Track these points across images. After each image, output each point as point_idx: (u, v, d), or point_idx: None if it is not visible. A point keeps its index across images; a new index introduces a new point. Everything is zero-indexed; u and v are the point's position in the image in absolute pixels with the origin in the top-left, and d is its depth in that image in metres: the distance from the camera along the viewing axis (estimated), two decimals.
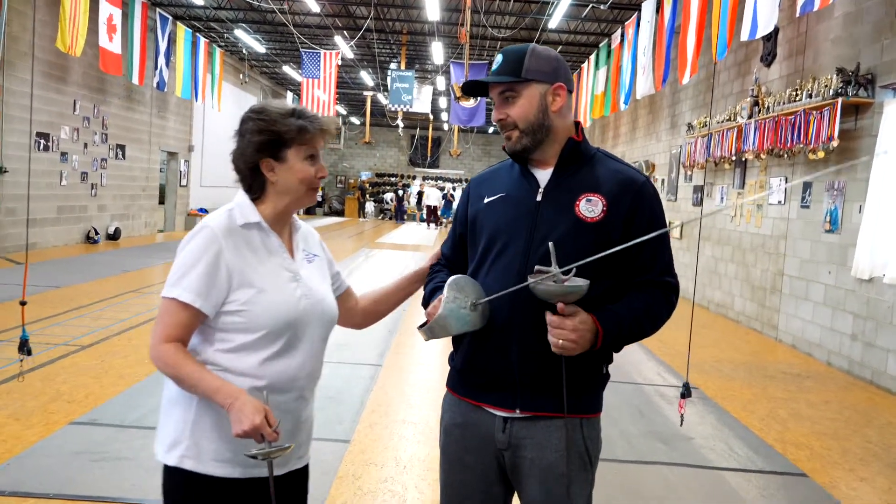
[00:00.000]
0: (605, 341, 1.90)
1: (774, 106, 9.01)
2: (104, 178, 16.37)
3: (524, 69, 1.99)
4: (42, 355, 6.15)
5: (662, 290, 2.03)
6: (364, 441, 4.67)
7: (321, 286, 2.08)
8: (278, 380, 1.92)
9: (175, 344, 1.85)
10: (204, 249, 1.88)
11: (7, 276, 10.41)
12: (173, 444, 1.90)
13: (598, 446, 2.08)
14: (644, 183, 2.03)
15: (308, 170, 1.98)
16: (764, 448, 5.08)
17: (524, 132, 2.01)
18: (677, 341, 8.74)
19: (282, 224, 2.04)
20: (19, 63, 12.81)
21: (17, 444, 4.17)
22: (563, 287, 1.81)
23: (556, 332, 1.84)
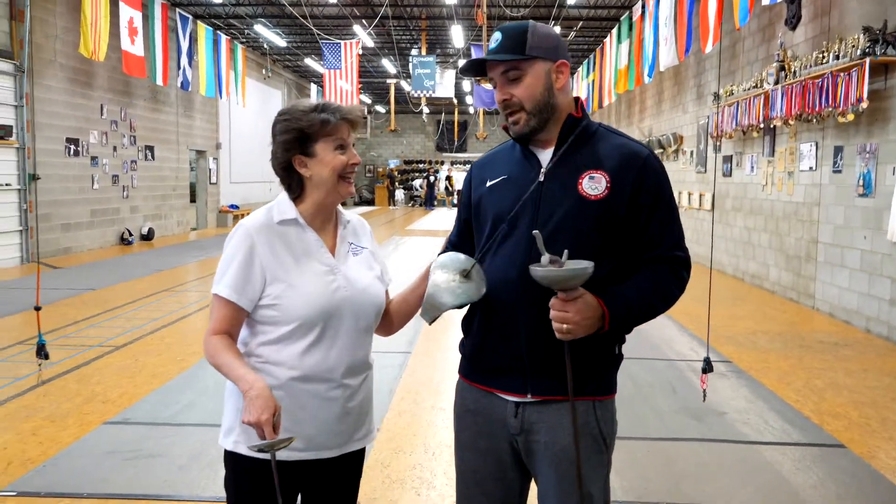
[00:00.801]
0: (612, 324, 1.86)
1: (801, 70, 8.79)
2: (135, 179, 16.59)
3: (528, 46, 1.93)
4: (78, 357, 6.26)
5: (671, 265, 1.96)
6: (393, 429, 4.68)
7: (364, 277, 2.12)
8: (315, 370, 2.01)
9: (220, 336, 1.99)
10: (238, 248, 2.00)
11: (45, 280, 10.60)
12: (228, 430, 2.06)
13: (613, 428, 2.04)
14: (648, 156, 1.97)
15: (338, 159, 2.03)
16: (800, 420, 4.99)
17: (531, 113, 1.95)
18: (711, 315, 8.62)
19: (323, 218, 2.11)
20: (45, 71, 13.01)
21: (52, 446, 4.25)
22: (562, 272, 1.75)
23: (559, 315, 1.80)
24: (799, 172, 9.57)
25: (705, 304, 9.31)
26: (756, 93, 10.10)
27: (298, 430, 1.98)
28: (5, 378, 5.52)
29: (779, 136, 10.22)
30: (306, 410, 2.00)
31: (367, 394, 2.16)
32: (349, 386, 2.06)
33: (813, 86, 8.32)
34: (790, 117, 9.01)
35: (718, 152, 12.83)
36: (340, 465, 2.11)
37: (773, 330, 7.97)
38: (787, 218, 10.01)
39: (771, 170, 10.48)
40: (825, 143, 8.83)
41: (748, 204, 11.48)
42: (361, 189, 40.07)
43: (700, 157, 13.86)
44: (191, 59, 17.11)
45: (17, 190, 12.33)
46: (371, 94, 34.27)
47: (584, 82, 21.88)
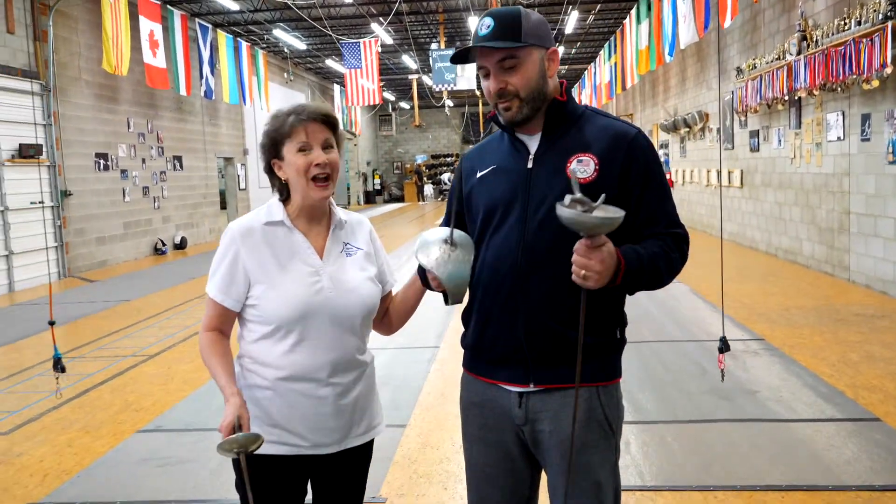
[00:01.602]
0: (625, 277, 1.79)
1: (823, 38, 8.60)
2: (165, 190, 16.83)
3: (523, 33, 1.89)
4: (112, 368, 6.37)
5: (674, 238, 1.94)
6: (420, 424, 4.69)
7: (354, 278, 2.12)
8: (299, 370, 2.04)
9: (211, 333, 2.09)
10: (226, 250, 2.08)
11: (81, 294, 10.84)
12: None
13: (619, 413, 2.02)
14: (636, 135, 1.95)
15: (300, 160, 2.03)
16: (834, 395, 4.90)
17: (525, 101, 1.92)
18: (742, 292, 8.54)
19: (312, 219, 2.13)
20: (71, 88, 13.24)
21: (86, 457, 4.34)
22: (597, 218, 1.66)
23: (582, 261, 1.72)
24: (827, 143, 9.38)
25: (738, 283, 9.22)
26: (779, 65, 9.92)
27: (291, 428, 2.02)
28: (41, 392, 5.64)
29: (804, 107, 10.02)
30: (296, 409, 2.03)
31: (365, 390, 2.16)
32: (339, 384, 2.07)
33: (836, 54, 8.14)
34: (814, 87, 8.83)
35: (744, 128, 12.62)
36: (343, 461, 2.13)
37: (807, 305, 7.83)
38: (817, 190, 9.81)
39: (798, 142, 10.29)
40: (852, 112, 8.63)
41: (777, 178, 11.28)
42: (390, 186, 40.20)
43: (726, 133, 13.65)
44: (213, 67, 17.29)
45: (50, 207, 12.58)
46: (394, 91, 34.32)
47: (606, 65, 21.67)
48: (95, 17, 13.37)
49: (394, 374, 5.81)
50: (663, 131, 18.63)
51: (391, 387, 5.48)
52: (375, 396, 2.24)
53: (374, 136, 40.12)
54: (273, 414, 2.04)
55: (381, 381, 5.58)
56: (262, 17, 18.92)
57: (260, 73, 20.08)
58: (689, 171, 16.75)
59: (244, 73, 18.83)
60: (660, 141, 19.99)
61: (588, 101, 27.33)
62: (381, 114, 38.86)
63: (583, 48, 25.87)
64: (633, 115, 24.44)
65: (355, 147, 35.51)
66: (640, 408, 4.82)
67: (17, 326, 8.39)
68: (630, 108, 25.08)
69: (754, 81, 11.07)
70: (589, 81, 27.06)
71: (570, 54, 26.67)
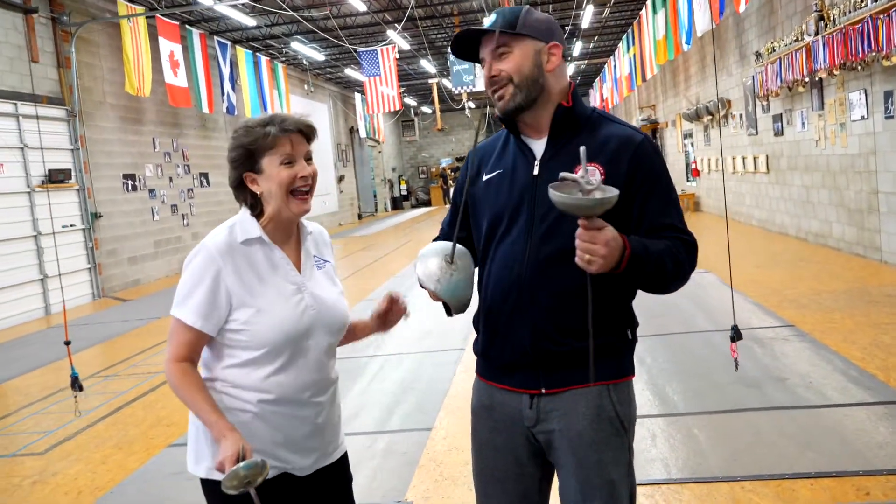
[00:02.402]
0: (629, 263, 1.76)
1: (840, 17, 8.47)
2: (193, 207, 17.06)
3: (519, 24, 1.93)
4: (144, 385, 6.48)
5: (680, 241, 1.91)
6: (446, 427, 4.70)
7: (330, 292, 2.09)
8: (284, 393, 1.97)
9: (182, 364, 1.93)
10: (203, 271, 1.93)
11: (115, 313, 11.02)
12: (198, 458, 2.01)
13: (631, 411, 1.99)
14: (641, 141, 1.93)
15: (283, 173, 1.95)
16: (865, 379, 4.81)
17: (518, 86, 1.92)
18: (772, 279, 8.44)
19: (285, 233, 2.06)
20: (96, 113, 13.48)
21: (119, 473, 4.42)
22: (592, 199, 1.63)
23: (587, 246, 1.70)
24: (851, 123, 9.22)
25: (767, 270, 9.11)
26: (797, 46, 9.79)
27: (272, 451, 1.95)
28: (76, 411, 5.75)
29: (826, 87, 9.86)
30: (279, 431, 1.98)
31: (335, 408, 2.14)
32: (319, 403, 2.04)
33: (854, 32, 8.01)
34: (834, 67, 8.70)
35: (767, 112, 12.46)
36: (322, 481, 2.09)
37: (838, 288, 7.70)
38: (843, 171, 9.65)
39: (822, 123, 10.13)
40: (874, 90, 8.48)
41: (803, 161, 11.11)
42: (417, 191, 40.31)
43: (749, 119, 13.48)
44: (234, 83, 17.50)
45: (81, 230, 12.82)
46: (415, 96, 34.40)
47: (626, 57, 21.53)
48: (116, 41, 13.62)
49: (420, 378, 5.82)
50: (686, 121, 18.45)
51: (417, 391, 5.50)
52: (339, 412, 2.20)
53: (397, 142, 40.26)
54: (253, 438, 1.93)
55: (408, 385, 5.64)
56: (280, 31, 19.10)
57: (281, 87, 20.28)
58: (714, 160, 16.57)
59: (265, 87, 19.03)
60: (683, 131, 19.80)
61: (609, 94, 27.17)
62: (403, 119, 38.99)
63: (601, 42, 25.71)
64: (656, 105, 24.23)
65: (380, 154, 35.67)
66: (666, 401, 4.78)
67: (53, 348, 8.55)
68: (652, 98, 24.87)
69: (774, 65, 10.93)
70: (609, 75, 26.90)
71: (588, 49, 26.51)
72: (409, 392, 5.48)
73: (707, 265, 9.48)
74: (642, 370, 5.44)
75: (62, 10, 12.51)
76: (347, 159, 30.30)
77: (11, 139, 11.17)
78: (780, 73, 10.65)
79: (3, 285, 10.75)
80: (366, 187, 32.92)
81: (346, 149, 30.20)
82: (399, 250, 16.50)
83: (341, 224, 27.73)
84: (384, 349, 6.67)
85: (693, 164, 19.01)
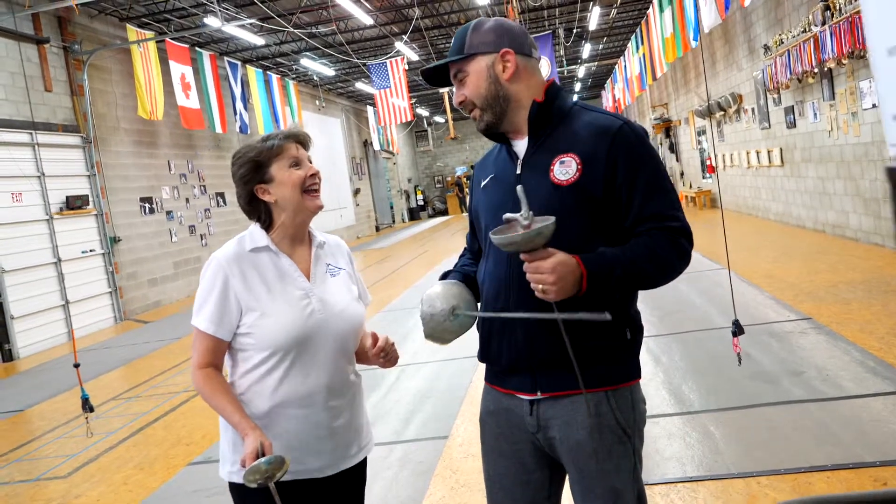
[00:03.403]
0: (591, 284, 1.77)
1: (846, 6, 8.41)
2: (211, 227, 17.22)
3: (466, 46, 1.97)
4: (165, 405, 6.55)
5: (668, 232, 1.86)
6: (462, 434, 4.71)
7: (342, 299, 2.15)
8: (294, 396, 2.05)
9: (207, 370, 2.06)
10: (213, 280, 2.06)
11: (137, 336, 11.14)
12: (223, 461, 2.13)
13: (636, 416, 1.95)
14: (621, 128, 1.88)
15: (295, 174, 2.09)
16: (882, 368, 4.76)
17: (482, 108, 1.97)
18: (788, 272, 8.37)
19: (296, 242, 2.16)
20: (111, 138, 13.67)
21: (141, 493, 4.47)
22: (518, 235, 1.68)
23: (534, 276, 1.74)
24: (862, 111, 9.14)
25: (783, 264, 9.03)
26: (805, 37, 9.73)
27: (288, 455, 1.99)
28: (99, 434, 5.82)
29: (836, 77, 9.78)
30: (293, 435, 2.04)
31: (356, 410, 2.19)
32: (333, 407, 2.09)
33: (860, 20, 7.94)
34: (843, 56, 8.64)
35: (778, 105, 12.38)
36: (340, 483, 2.15)
37: (855, 279, 7.62)
38: (858, 161, 9.56)
39: (834, 113, 10.05)
40: None
41: (817, 153, 11.02)
42: (433, 201, 40.39)
43: (761, 112, 13.39)
44: (245, 102, 17.67)
45: (101, 254, 12.99)
46: (427, 106, 34.52)
47: (635, 57, 21.49)
48: (127, 66, 13.81)
49: (437, 387, 5.84)
50: (699, 117, 18.37)
51: (433, 399, 5.52)
52: (365, 416, 2.26)
53: (412, 153, 40.39)
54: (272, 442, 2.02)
55: (424, 394, 5.65)
56: (289, 49, 19.27)
57: (292, 103, 20.45)
58: (728, 155, 16.47)
59: (277, 105, 19.20)
60: (696, 128, 19.70)
61: (622, 95, 27.10)
62: (416, 130, 39.13)
63: (610, 43, 25.67)
64: (668, 104, 24.14)
65: (395, 165, 35.79)
66: (682, 399, 4.76)
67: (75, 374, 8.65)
68: (664, 97, 24.78)
69: (782, 57, 10.86)
70: (620, 75, 26.84)
71: (598, 50, 26.48)
72: (425, 401, 5.50)
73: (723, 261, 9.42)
74: (658, 369, 5.42)
75: (73, 39, 12.72)
76: (363, 172, 30.44)
77: (29, 168, 11.36)
78: (789, 66, 10.59)
79: (26, 312, 10.90)
80: (382, 199, 33.05)
81: (360, 162, 30.35)
82: (416, 260, 16.54)
83: (359, 237, 27.84)
84: (402, 359, 6.68)
85: (708, 160, 18.90)
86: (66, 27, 12.70)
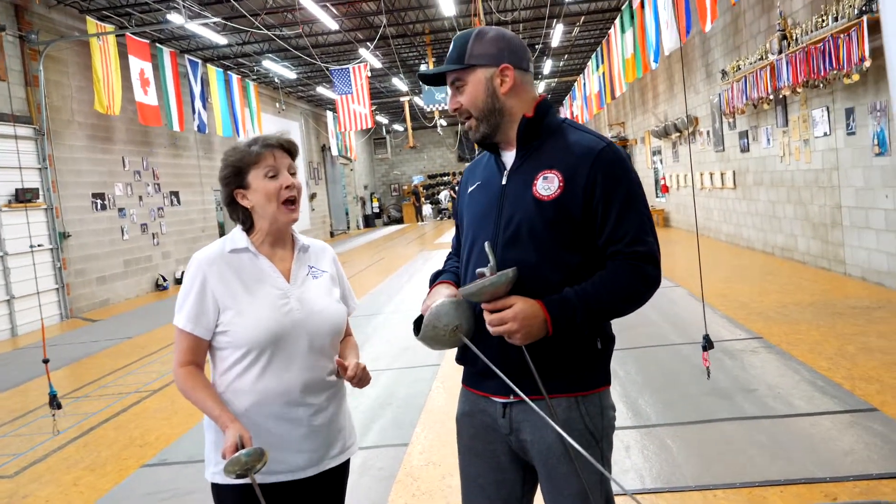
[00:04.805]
0: (556, 327, 1.85)
1: (802, 36, 8.70)
2: (163, 226, 16.93)
3: (467, 55, 1.99)
4: (116, 405, 6.41)
5: (632, 260, 1.91)
6: (423, 442, 4.72)
7: (322, 299, 2.17)
8: (272, 393, 2.07)
9: (188, 368, 2.08)
10: (193, 280, 2.09)
11: (83, 334, 10.88)
12: (207, 462, 2.14)
13: (603, 422, 2.00)
14: (603, 149, 1.93)
15: (270, 185, 2.09)
16: (831, 388, 4.92)
17: (478, 119, 2.01)
18: (740, 292, 8.58)
19: (277, 245, 2.18)
20: (65, 131, 13.37)
21: (92, 494, 4.37)
22: (470, 287, 1.81)
23: (500, 329, 1.83)
24: (814, 139, 9.44)
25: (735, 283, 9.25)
26: (762, 65, 10.02)
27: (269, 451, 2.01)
28: (45, 433, 5.67)
29: (790, 105, 10.10)
30: (272, 433, 2.06)
31: (338, 410, 2.20)
32: (312, 405, 2.11)
33: (815, 51, 8.23)
34: (798, 85, 8.92)
35: (733, 129, 12.70)
36: (320, 483, 2.15)
37: (804, 301, 7.86)
38: (808, 186, 9.87)
39: (786, 140, 10.36)
40: (836, 107, 8.71)
41: (769, 177, 11.34)
42: (389, 209, 40.34)
43: (717, 135, 13.73)
44: (204, 101, 17.46)
45: (49, 249, 12.66)
46: (387, 114, 34.53)
47: (595, 76, 21.83)
48: (85, 59, 13.54)
49: (396, 395, 5.83)
50: (655, 137, 18.73)
51: (393, 406, 5.51)
52: (348, 417, 2.28)
53: (369, 160, 40.31)
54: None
55: (384, 401, 5.64)
56: (251, 49, 19.11)
57: (252, 105, 20.26)
58: (683, 176, 16.82)
59: (236, 106, 19.01)
60: (652, 147, 20.08)
61: (580, 112, 27.47)
62: (375, 137, 39.08)
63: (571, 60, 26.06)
64: (625, 123, 24.56)
65: (352, 172, 35.67)
66: (639, 412, 4.84)
67: (20, 370, 8.43)
68: (621, 116, 25.21)
69: (739, 83, 11.17)
70: (580, 92, 27.23)
71: (558, 67, 26.84)
72: (385, 408, 5.49)
73: (677, 279, 9.62)
74: (615, 383, 5.47)
75: (30, 29, 12.43)
76: (319, 177, 30.26)
77: None
78: (745, 91, 10.88)
79: None
80: (338, 205, 32.89)
81: (317, 167, 30.18)
82: (373, 267, 16.49)
83: None
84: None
85: (662, 180, 19.28)
86: (23, 16, 12.40)
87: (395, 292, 11.77)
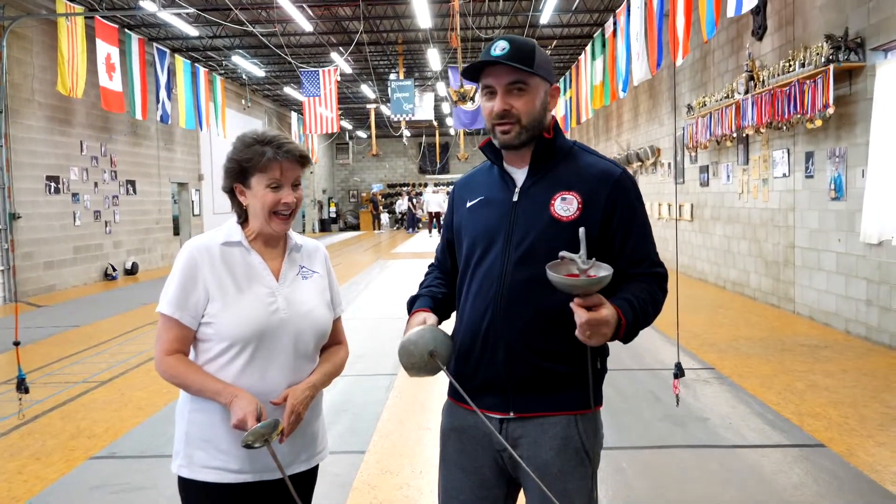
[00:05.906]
0: (625, 332, 1.87)
1: (769, 79, 8.96)
2: (117, 214, 16.58)
3: (535, 63, 1.93)
4: (62, 394, 6.25)
5: (656, 278, 2.01)
6: (379, 451, 4.70)
7: (309, 301, 2.15)
8: (252, 391, 2.03)
9: (176, 355, 2.04)
10: (183, 267, 2.06)
11: (28, 319, 10.57)
12: (175, 454, 2.10)
13: (597, 441, 2.03)
14: (620, 176, 1.98)
15: (268, 196, 2.06)
16: (780, 422, 5.06)
17: (526, 127, 1.96)
18: (693, 323, 8.74)
19: (268, 242, 2.15)
20: (23, 110, 13.04)
21: (37, 484, 4.25)
22: (588, 280, 1.73)
23: (592, 327, 1.77)
24: (773, 179, 9.72)
25: (687, 313, 9.40)
26: (727, 103, 10.28)
27: (240, 452, 1.99)
28: None
29: (752, 144, 10.38)
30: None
31: (311, 416, 2.18)
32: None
33: (781, 94, 8.48)
34: (761, 125, 9.17)
35: (694, 163, 12.99)
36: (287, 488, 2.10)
37: (754, 335, 8.06)
38: (764, 224, 10.14)
39: (746, 178, 10.64)
40: (796, 150, 8.98)
41: (726, 212, 11.62)
42: (346, 215, 40.15)
43: (678, 168, 14.02)
44: (169, 92, 17.18)
45: None
46: (352, 119, 34.44)
47: (562, 99, 22.11)
48: (51, 38, 13.24)
49: (352, 401, 5.81)
50: None
51: (350, 413, 5.49)
52: (321, 422, 2.26)
53: (330, 164, 40.10)
54: (219, 438, 2.03)
55: (340, 407, 5.61)
56: (221, 44, 18.91)
57: (217, 100, 20.01)
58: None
59: (201, 99, 18.75)
60: None
61: None
62: (338, 142, 38.93)
63: None
64: None
65: (311, 175, 35.40)
66: None
67: None
68: (585, 141, 25.50)
69: (704, 118, 11.43)
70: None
71: None
72: (341, 414, 5.46)
73: None
74: None
75: None
76: None
77: None
78: (709, 127, 11.15)
79: None
80: None
81: None
82: None
83: None
84: None
85: None
86: None
87: (352, 299, 11.71)
